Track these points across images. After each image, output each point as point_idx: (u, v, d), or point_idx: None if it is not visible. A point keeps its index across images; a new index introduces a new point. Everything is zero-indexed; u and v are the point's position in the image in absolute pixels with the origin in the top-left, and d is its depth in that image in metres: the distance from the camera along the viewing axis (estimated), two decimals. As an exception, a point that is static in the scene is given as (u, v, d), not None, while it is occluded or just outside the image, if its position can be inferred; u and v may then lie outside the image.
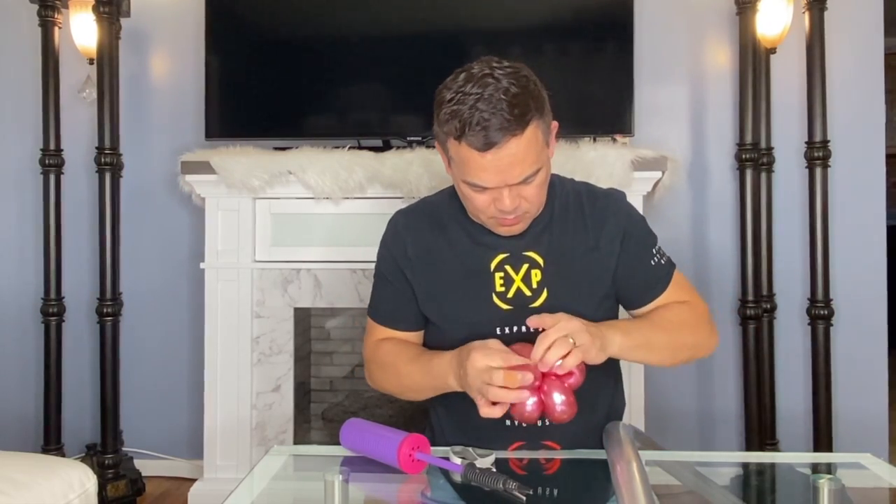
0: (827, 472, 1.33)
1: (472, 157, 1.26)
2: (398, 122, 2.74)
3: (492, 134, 1.23)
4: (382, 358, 1.48)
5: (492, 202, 1.31)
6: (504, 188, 1.29)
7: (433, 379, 1.36)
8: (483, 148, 1.24)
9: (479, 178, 1.28)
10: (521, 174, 1.27)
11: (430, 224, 1.48)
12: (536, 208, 1.37)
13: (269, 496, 1.25)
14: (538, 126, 1.28)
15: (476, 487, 1.14)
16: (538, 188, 1.33)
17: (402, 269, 1.47)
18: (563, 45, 2.67)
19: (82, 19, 2.79)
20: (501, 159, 1.25)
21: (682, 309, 1.45)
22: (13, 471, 1.54)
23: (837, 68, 2.73)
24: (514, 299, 1.40)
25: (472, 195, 1.33)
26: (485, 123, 1.23)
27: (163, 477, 2.96)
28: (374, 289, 1.54)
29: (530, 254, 1.42)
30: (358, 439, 1.31)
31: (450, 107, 1.27)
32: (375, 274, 1.53)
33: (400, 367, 1.43)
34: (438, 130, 1.33)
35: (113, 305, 2.69)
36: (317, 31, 2.75)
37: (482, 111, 1.23)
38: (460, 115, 1.25)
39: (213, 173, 2.57)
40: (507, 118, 1.23)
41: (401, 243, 1.48)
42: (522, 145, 1.25)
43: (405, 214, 1.53)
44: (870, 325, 2.77)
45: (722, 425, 2.84)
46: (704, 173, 2.84)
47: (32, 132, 2.90)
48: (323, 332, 3.05)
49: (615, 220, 1.46)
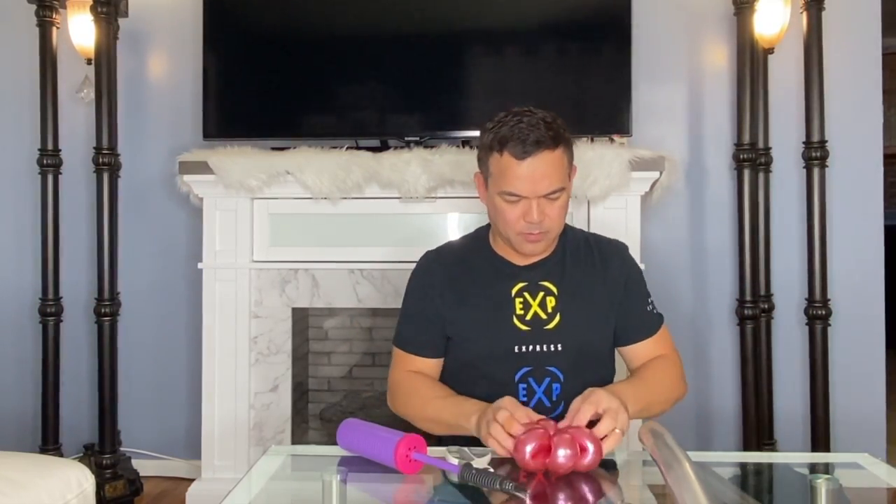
0: (825, 472, 1.33)
1: (510, 166, 1.48)
2: (396, 122, 2.74)
3: (529, 146, 1.46)
4: (414, 388, 1.61)
5: (521, 216, 1.50)
6: (533, 200, 1.48)
7: (456, 417, 1.45)
8: (522, 156, 1.46)
9: (514, 186, 1.48)
10: (549, 186, 1.48)
11: (457, 259, 1.69)
12: (556, 230, 1.56)
13: (266, 496, 1.25)
14: (565, 153, 1.52)
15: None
16: (560, 209, 1.53)
17: (431, 296, 1.64)
18: (560, 45, 2.67)
19: (80, 19, 2.79)
20: (535, 169, 1.47)
21: (667, 367, 1.62)
22: (11, 471, 1.54)
23: (835, 68, 2.73)
24: (531, 321, 1.58)
25: (506, 208, 1.52)
26: (524, 136, 1.46)
27: (160, 477, 2.96)
28: (402, 321, 1.69)
29: (546, 283, 1.61)
30: (355, 439, 1.31)
31: (492, 130, 1.51)
32: (403, 307, 1.70)
33: (428, 401, 1.56)
34: (481, 156, 1.57)
35: (111, 305, 2.69)
36: (315, 31, 2.75)
37: (523, 128, 1.47)
38: (503, 132, 1.49)
39: (211, 173, 2.57)
40: (543, 134, 1.47)
41: (432, 273, 1.67)
42: (554, 161, 1.49)
43: (435, 252, 1.73)
44: (867, 325, 2.78)
45: (720, 425, 2.84)
46: (702, 173, 2.84)
47: (30, 132, 2.90)
48: (321, 332, 3.05)
49: (620, 263, 1.67)
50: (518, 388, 1.56)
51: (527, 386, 1.56)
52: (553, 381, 1.56)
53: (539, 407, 1.54)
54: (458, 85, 2.70)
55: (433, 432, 1.53)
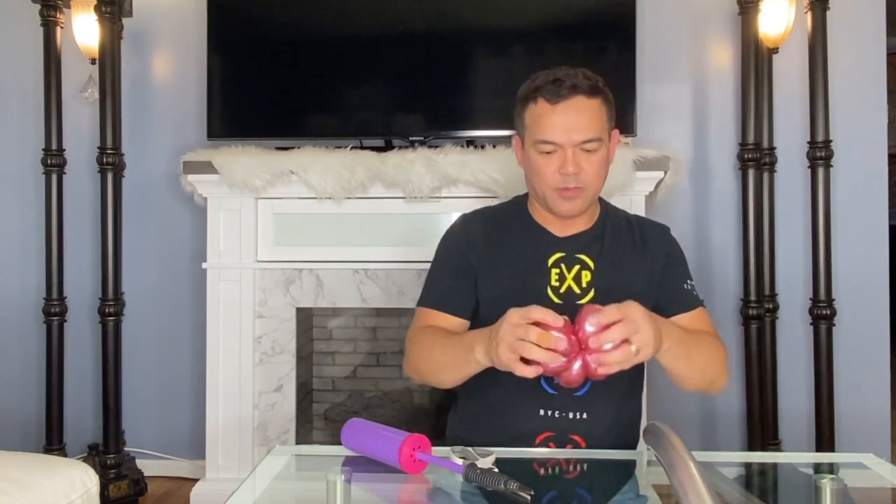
0: (829, 472, 1.33)
1: (544, 112, 1.44)
2: (400, 121, 2.74)
3: (565, 90, 1.43)
4: (423, 338, 1.49)
5: (557, 169, 1.45)
6: (569, 149, 1.43)
7: (463, 351, 1.34)
8: (556, 100, 1.43)
9: (548, 133, 1.44)
10: (584, 134, 1.43)
11: (495, 224, 1.60)
12: (593, 187, 1.49)
13: (271, 496, 1.25)
14: (604, 106, 1.47)
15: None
16: (598, 165, 1.47)
17: (467, 254, 1.55)
18: (565, 45, 2.66)
19: (84, 19, 2.80)
20: (569, 114, 1.43)
21: (713, 340, 1.48)
22: (15, 471, 1.54)
23: (840, 68, 2.72)
24: (564, 294, 1.50)
25: (541, 163, 1.46)
26: (558, 81, 1.43)
27: (165, 477, 2.96)
28: (430, 277, 1.59)
29: (582, 256, 1.53)
30: (359, 439, 1.31)
31: (528, 84, 1.48)
32: (434, 262, 1.60)
33: (436, 344, 1.45)
34: (517, 112, 1.52)
35: (115, 305, 2.69)
36: (319, 31, 2.75)
37: (559, 75, 1.44)
38: (538, 81, 1.46)
39: (215, 173, 2.57)
40: (580, 82, 1.44)
41: (468, 232, 1.58)
42: (589, 108, 1.44)
43: (472, 213, 1.64)
44: (872, 325, 2.77)
45: (724, 425, 2.84)
46: (706, 173, 2.84)
47: (34, 132, 2.90)
48: (325, 332, 3.05)
49: (661, 242, 1.60)
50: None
51: None
52: None
53: (563, 389, 1.45)
54: (462, 84, 2.70)
55: (446, 384, 1.44)
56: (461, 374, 1.39)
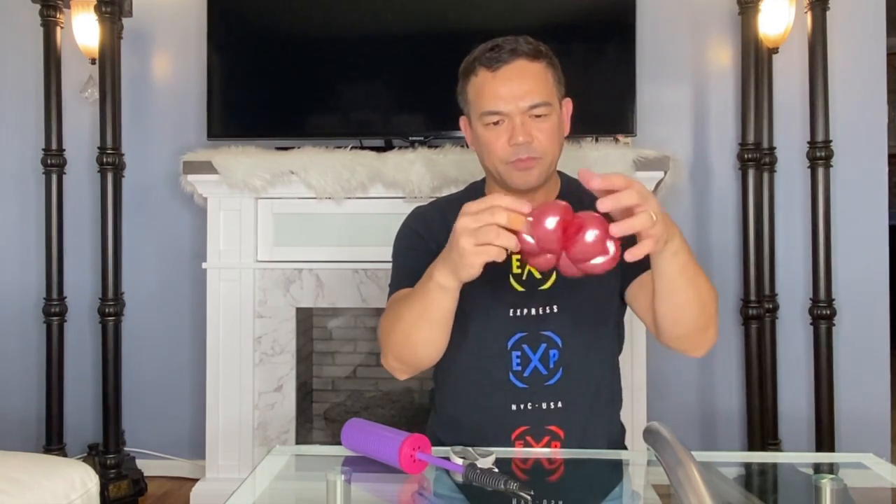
0: (829, 472, 1.33)
1: (485, 81, 1.37)
2: (400, 121, 2.74)
3: (504, 54, 1.35)
4: (388, 313, 1.38)
5: (507, 141, 1.37)
6: (517, 117, 1.35)
7: (423, 290, 1.24)
8: (495, 65, 1.36)
9: (491, 102, 1.36)
10: (531, 99, 1.35)
11: (453, 211, 1.40)
12: (549, 156, 1.40)
13: (270, 496, 1.25)
14: (549, 70, 1.39)
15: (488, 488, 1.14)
16: (550, 132, 1.38)
17: (426, 240, 1.48)
18: (565, 45, 2.66)
19: (84, 19, 2.80)
20: (512, 79, 1.35)
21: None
22: (15, 471, 1.54)
23: (840, 68, 2.72)
24: (526, 282, 1.45)
25: (489, 136, 1.39)
26: (497, 47, 1.36)
27: (165, 477, 2.96)
28: (394, 269, 1.50)
29: None
30: (359, 439, 1.31)
31: (467, 57, 1.42)
32: (394, 255, 1.52)
33: (400, 307, 1.33)
34: (460, 90, 1.47)
35: (115, 305, 2.69)
36: (319, 31, 2.75)
37: (498, 42, 1.37)
38: (476, 53, 1.40)
39: (215, 173, 2.57)
40: (519, 45, 1.36)
41: (425, 220, 1.53)
42: (532, 71, 1.36)
43: (427, 204, 1.60)
44: (872, 325, 2.77)
45: (724, 425, 2.84)
46: (706, 173, 2.84)
47: (34, 132, 2.90)
48: (325, 332, 3.05)
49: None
50: (511, 356, 1.43)
51: (521, 353, 1.43)
52: (550, 347, 1.42)
53: (535, 375, 1.42)
54: (461, 85, 2.69)
55: (425, 351, 1.32)
56: (431, 321, 1.26)
